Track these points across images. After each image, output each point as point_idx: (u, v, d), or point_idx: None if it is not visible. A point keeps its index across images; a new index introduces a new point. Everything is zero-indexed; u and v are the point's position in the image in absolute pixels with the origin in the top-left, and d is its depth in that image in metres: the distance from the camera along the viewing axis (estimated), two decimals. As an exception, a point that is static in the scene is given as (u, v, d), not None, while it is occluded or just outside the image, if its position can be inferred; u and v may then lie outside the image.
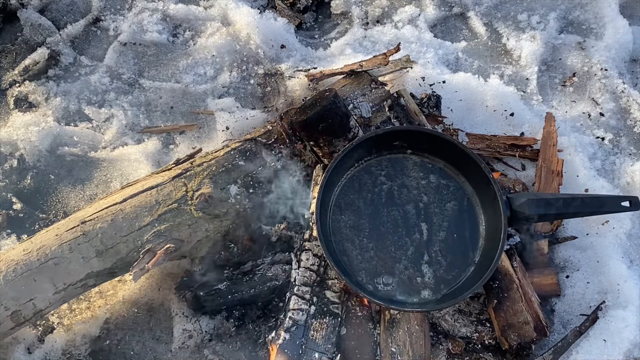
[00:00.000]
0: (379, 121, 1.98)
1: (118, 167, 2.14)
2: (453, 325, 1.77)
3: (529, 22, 2.45)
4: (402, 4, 2.51)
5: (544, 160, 2.04)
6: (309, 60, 2.34)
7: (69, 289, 1.73)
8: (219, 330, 1.83)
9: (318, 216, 1.69)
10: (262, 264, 1.83)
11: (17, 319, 1.68)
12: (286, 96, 2.21)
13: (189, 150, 2.08)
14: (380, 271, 1.71)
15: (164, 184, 1.81)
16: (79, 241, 1.72)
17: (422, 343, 1.69)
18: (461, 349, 1.75)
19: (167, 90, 2.29)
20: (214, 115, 2.21)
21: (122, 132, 2.21)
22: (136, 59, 2.37)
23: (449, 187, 1.80)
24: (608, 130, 2.23)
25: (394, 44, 2.21)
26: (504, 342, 1.73)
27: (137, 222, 1.74)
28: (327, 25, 2.53)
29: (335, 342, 1.69)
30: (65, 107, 2.26)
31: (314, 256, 1.75)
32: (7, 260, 1.70)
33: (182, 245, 1.78)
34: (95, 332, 1.85)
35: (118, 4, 2.48)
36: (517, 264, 1.79)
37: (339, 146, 1.81)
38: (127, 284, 1.91)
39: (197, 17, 2.44)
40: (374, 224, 1.77)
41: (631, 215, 2.00)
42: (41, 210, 2.09)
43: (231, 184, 1.84)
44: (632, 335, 1.74)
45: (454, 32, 2.49)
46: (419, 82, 2.22)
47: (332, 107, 1.77)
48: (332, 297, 1.73)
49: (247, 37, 2.35)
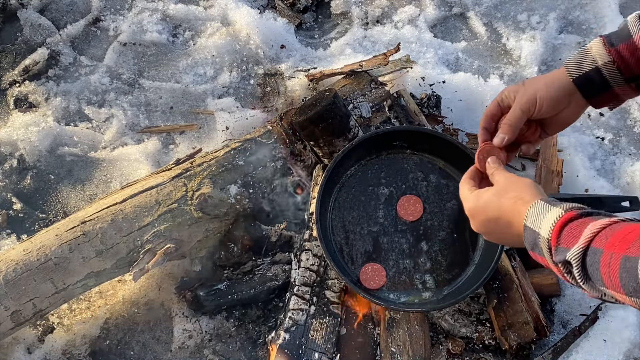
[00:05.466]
0: (379, 121, 1.98)
1: (118, 167, 2.14)
2: (453, 325, 1.77)
3: (528, 22, 2.45)
4: (402, 4, 2.51)
5: (544, 160, 2.04)
6: (309, 60, 2.34)
7: (69, 289, 1.73)
8: (219, 330, 1.83)
9: (318, 216, 1.69)
10: (262, 264, 1.83)
11: (17, 319, 1.68)
12: (286, 96, 2.21)
13: (189, 150, 2.08)
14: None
15: (164, 184, 1.81)
16: (79, 241, 1.72)
17: (422, 343, 1.69)
18: (461, 349, 1.75)
19: (167, 90, 2.29)
20: (214, 115, 2.21)
21: (122, 132, 2.21)
22: (136, 59, 2.37)
23: (449, 187, 1.80)
24: (608, 130, 2.23)
25: (394, 44, 2.21)
26: (504, 342, 1.73)
27: (137, 222, 1.74)
28: (327, 25, 2.53)
29: (335, 342, 1.69)
30: (65, 107, 2.26)
31: (314, 256, 1.75)
32: (7, 260, 1.70)
33: (182, 245, 1.78)
34: (95, 332, 1.85)
35: (118, 4, 2.48)
36: (517, 264, 1.79)
37: (339, 146, 1.81)
38: (127, 284, 1.91)
39: (197, 17, 2.44)
40: (374, 223, 1.77)
41: (631, 215, 1.99)
42: (41, 210, 2.09)
43: (231, 184, 1.84)
44: (632, 335, 1.74)
45: (454, 32, 2.49)
46: (418, 82, 2.22)
47: (332, 107, 1.77)
48: (332, 297, 1.73)
49: (247, 37, 2.35)
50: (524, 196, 1.21)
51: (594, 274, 1.04)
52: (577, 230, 1.07)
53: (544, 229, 1.12)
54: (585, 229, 1.06)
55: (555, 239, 1.09)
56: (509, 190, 1.25)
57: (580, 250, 1.05)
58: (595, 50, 1.35)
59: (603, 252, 1.02)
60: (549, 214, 1.13)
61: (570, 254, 1.06)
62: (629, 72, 1.34)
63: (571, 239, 1.07)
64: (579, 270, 1.06)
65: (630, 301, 1.01)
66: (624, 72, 1.34)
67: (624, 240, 1.01)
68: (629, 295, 1.00)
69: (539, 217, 1.15)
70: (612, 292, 1.03)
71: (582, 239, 1.05)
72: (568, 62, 1.38)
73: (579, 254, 1.05)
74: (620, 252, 1.00)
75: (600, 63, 1.34)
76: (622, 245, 1.00)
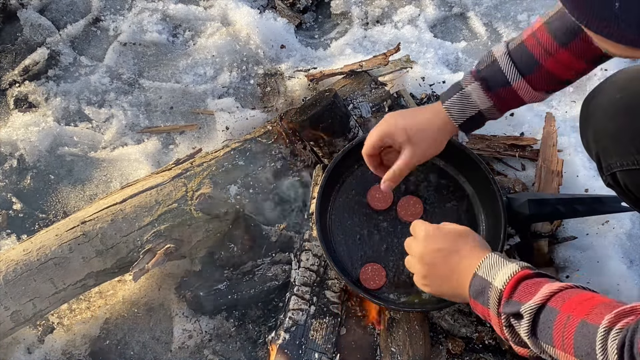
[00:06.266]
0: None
1: (118, 167, 2.14)
2: (453, 325, 1.77)
3: (528, 22, 2.45)
4: (402, 4, 2.51)
5: (544, 160, 2.04)
6: (309, 60, 2.34)
7: (69, 289, 1.73)
8: (219, 330, 1.83)
9: (318, 216, 1.69)
10: (262, 264, 1.83)
11: (17, 319, 1.68)
12: (286, 96, 2.21)
13: (189, 150, 2.08)
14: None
15: (164, 184, 1.81)
16: (79, 241, 1.72)
17: (422, 343, 1.69)
18: (461, 349, 1.75)
19: (167, 90, 2.29)
20: (214, 115, 2.21)
21: (122, 132, 2.21)
22: (136, 59, 2.37)
23: (449, 187, 1.80)
24: (608, 130, 2.23)
25: (394, 44, 2.21)
26: (504, 342, 1.73)
27: (137, 222, 1.74)
28: (327, 25, 2.53)
29: (335, 342, 1.69)
30: (65, 107, 2.26)
31: (314, 256, 1.75)
32: (7, 260, 1.70)
33: (182, 245, 1.78)
34: (95, 332, 1.85)
35: (118, 4, 2.48)
36: (517, 264, 1.79)
37: (339, 146, 1.81)
38: (127, 284, 1.91)
39: (197, 17, 2.44)
40: (374, 224, 1.77)
41: (631, 215, 2.00)
42: (41, 210, 2.09)
43: (231, 184, 1.84)
44: (632, 335, 1.74)
45: (454, 32, 2.50)
46: (419, 82, 2.22)
47: (332, 107, 1.77)
48: (332, 297, 1.73)
49: (247, 37, 2.35)
50: (478, 245, 1.32)
51: (544, 331, 1.11)
52: (533, 288, 1.14)
53: (498, 281, 1.18)
54: (541, 288, 1.13)
55: (509, 291, 1.16)
56: (469, 235, 1.35)
57: (536, 306, 1.11)
58: (476, 95, 1.45)
59: (559, 313, 1.08)
60: (504, 268, 1.19)
61: (524, 307, 1.12)
62: (507, 108, 1.49)
63: (526, 295, 1.13)
64: (529, 323, 1.12)
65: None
66: (502, 110, 1.48)
67: (582, 306, 1.07)
68: (577, 358, 1.05)
69: (493, 268, 1.21)
70: (559, 351, 1.09)
71: (539, 295, 1.11)
72: (450, 106, 1.49)
73: (534, 308, 1.11)
74: (578, 316, 1.06)
75: (482, 108, 1.46)
76: (581, 310, 1.06)
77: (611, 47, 0.89)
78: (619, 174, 1.39)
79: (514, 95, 1.42)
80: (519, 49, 1.39)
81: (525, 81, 1.39)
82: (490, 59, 1.43)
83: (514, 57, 1.40)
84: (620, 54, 0.91)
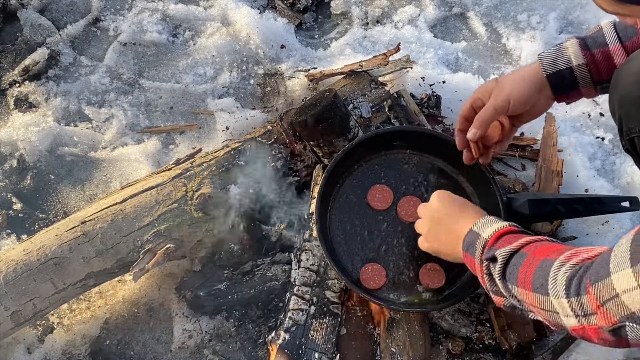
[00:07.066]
0: (379, 121, 1.98)
1: (118, 167, 2.14)
2: (453, 325, 1.77)
3: (528, 22, 2.45)
4: (402, 4, 2.51)
5: (544, 160, 2.03)
6: (309, 60, 2.34)
7: (69, 289, 1.73)
8: (219, 330, 1.83)
9: (318, 216, 1.69)
10: (262, 264, 1.83)
11: (17, 319, 1.69)
12: (286, 96, 2.21)
13: (189, 150, 2.08)
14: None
15: (164, 184, 1.81)
16: (79, 241, 1.72)
17: (422, 343, 1.69)
18: (461, 349, 1.75)
19: (167, 90, 2.29)
20: (214, 115, 2.21)
21: (122, 132, 2.21)
22: (136, 59, 2.37)
23: (449, 187, 1.79)
24: (608, 130, 2.23)
25: (394, 44, 2.21)
26: (504, 342, 1.73)
27: (137, 222, 1.75)
28: (327, 26, 2.53)
29: (335, 342, 1.69)
30: (65, 107, 2.26)
31: (313, 256, 1.75)
32: (7, 260, 1.70)
33: (182, 245, 1.78)
34: (95, 332, 1.85)
35: (118, 4, 2.48)
36: (517, 264, 1.80)
37: (339, 146, 1.81)
38: (127, 284, 1.91)
39: (197, 17, 2.44)
40: (374, 224, 1.77)
41: (631, 215, 2.00)
42: (41, 210, 2.09)
43: (231, 184, 1.84)
44: (632, 335, 1.74)
45: (454, 32, 2.49)
46: (419, 82, 2.22)
47: (332, 107, 1.77)
48: (332, 297, 1.73)
49: (247, 37, 2.35)
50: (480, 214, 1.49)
51: (512, 273, 1.24)
52: (514, 239, 1.29)
53: (486, 233, 1.35)
54: (519, 239, 1.28)
55: (492, 242, 1.32)
56: (476, 206, 1.57)
57: (510, 251, 1.26)
58: (572, 50, 1.48)
59: (528, 255, 1.23)
60: (494, 225, 1.37)
61: (500, 251, 1.27)
62: (599, 76, 1.49)
63: (505, 244, 1.29)
64: (501, 266, 1.26)
65: (532, 296, 1.19)
66: (594, 76, 1.49)
67: (549, 249, 1.21)
68: (533, 291, 1.18)
69: (485, 225, 1.38)
70: (520, 289, 1.22)
71: (515, 244, 1.27)
72: (543, 57, 1.51)
73: (507, 252, 1.26)
74: (542, 256, 1.20)
75: (574, 64, 1.48)
76: (546, 252, 1.20)
77: (600, 1, 1.04)
78: (636, 139, 1.41)
79: (609, 59, 1.45)
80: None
81: (622, 47, 1.45)
82: (596, 28, 1.50)
83: (617, 27, 1.47)
84: (607, 8, 1.04)
